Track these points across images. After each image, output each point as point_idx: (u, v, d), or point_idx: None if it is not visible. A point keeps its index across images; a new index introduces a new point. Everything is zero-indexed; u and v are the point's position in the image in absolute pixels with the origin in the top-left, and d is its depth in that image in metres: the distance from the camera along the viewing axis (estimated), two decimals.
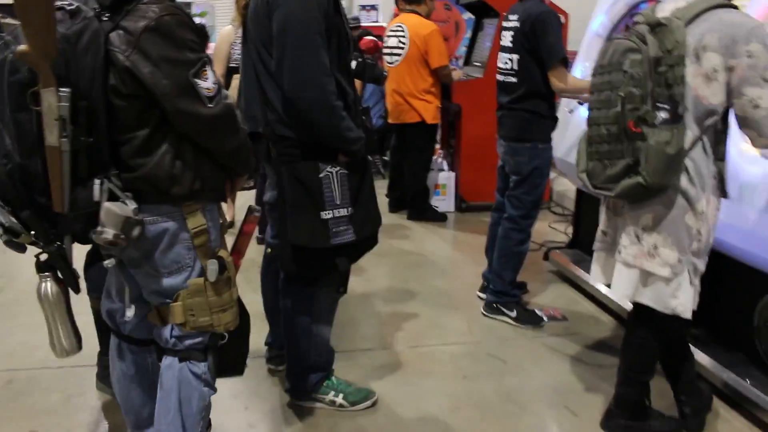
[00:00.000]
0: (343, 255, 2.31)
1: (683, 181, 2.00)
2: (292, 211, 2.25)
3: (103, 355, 2.54)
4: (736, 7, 1.99)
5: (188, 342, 1.84)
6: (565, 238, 4.90)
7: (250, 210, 2.01)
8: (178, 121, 1.68)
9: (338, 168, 2.26)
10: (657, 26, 1.96)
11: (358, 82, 3.10)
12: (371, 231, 2.40)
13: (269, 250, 2.64)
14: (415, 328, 3.36)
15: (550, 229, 5.10)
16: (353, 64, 2.51)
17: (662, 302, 2.10)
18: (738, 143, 2.44)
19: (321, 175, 2.23)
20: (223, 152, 1.78)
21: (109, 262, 1.72)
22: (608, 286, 2.34)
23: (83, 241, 1.81)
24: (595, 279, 2.37)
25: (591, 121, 2.12)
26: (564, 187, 5.63)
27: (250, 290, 2.94)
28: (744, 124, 1.98)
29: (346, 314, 3.30)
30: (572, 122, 3.69)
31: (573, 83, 3.16)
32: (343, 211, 2.27)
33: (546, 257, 4.21)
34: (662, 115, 1.92)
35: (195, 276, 1.80)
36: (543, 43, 3.10)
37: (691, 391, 2.44)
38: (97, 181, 1.63)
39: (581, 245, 4.12)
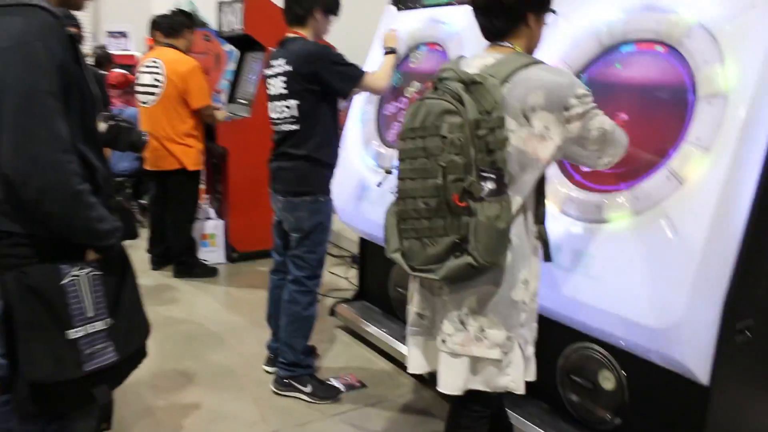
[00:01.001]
0: (103, 382, 1.78)
1: (507, 254, 1.83)
2: (24, 333, 1.67)
3: None
4: (544, 62, 1.90)
5: None
6: (348, 284, 4.71)
7: None
8: None
9: (88, 269, 1.73)
10: (472, 84, 1.77)
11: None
12: (139, 343, 1.90)
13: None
14: (198, 424, 2.86)
15: (331, 275, 4.86)
16: (102, 127, 1.99)
17: (494, 383, 1.92)
18: None
19: (64, 282, 1.69)
20: None
21: None
22: (430, 375, 2.08)
23: None
24: (415, 369, 2.10)
25: (403, 194, 1.85)
26: (340, 225, 5.44)
27: None
28: (600, 155, 1.92)
29: None
30: (353, 168, 3.46)
31: (385, 75, 3.02)
32: (99, 325, 1.75)
33: (332, 312, 3.93)
34: (488, 186, 1.73)
35: None
36: (334, 77, 2.84)
37: None
38: None
39: (368, 296, 3.92)
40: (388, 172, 3.30)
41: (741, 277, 2.03)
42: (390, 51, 3.13)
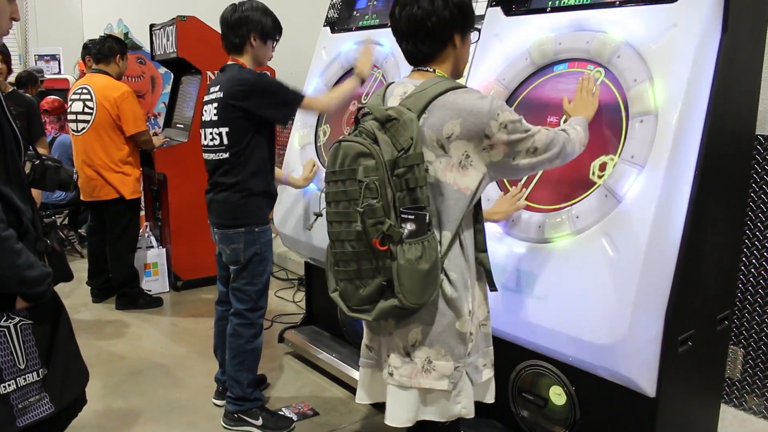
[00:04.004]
0: None
1: (446, 288, 1.80)
2: None
3: None
4: (464, 86, 1.85)
5: None
6: (296, 308, 4.64)
7: None
8: None
9: (17, 319, 1.65)
10: (387, 122, 1.72)
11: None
12: (78, 391, 1.81)
13: None
14: None
15: (278, 299, 4.79)
16: (27, 167, 1.90)
17: (447, 413, 1.90)
18: None
19: None
20: None
21: None
22: (374, 405, 2.06)
23: None
24: (360, 400, 2.07)
25: (332, 237, 1.81)
26: (285, 248, 5.38)
27: None
28: (533, 171, 1.97)
29: None
30: (295, 193, 3.42)
31: (333, 99, 2.95)
32: (32, 377, 1.66)
33: (281, 339, 3.86)
34: (409, 227, 1.69)
35: None
36: (269, 108, 2.78)
37: None
38: None
39: (317, 321, 3.87)
40: (319, 215, 3.26)
41: (680, 290, 2.08)
42: (358, 74, 3.02)
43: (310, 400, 3.28)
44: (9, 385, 1.62)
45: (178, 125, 5.28)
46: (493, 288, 1.97)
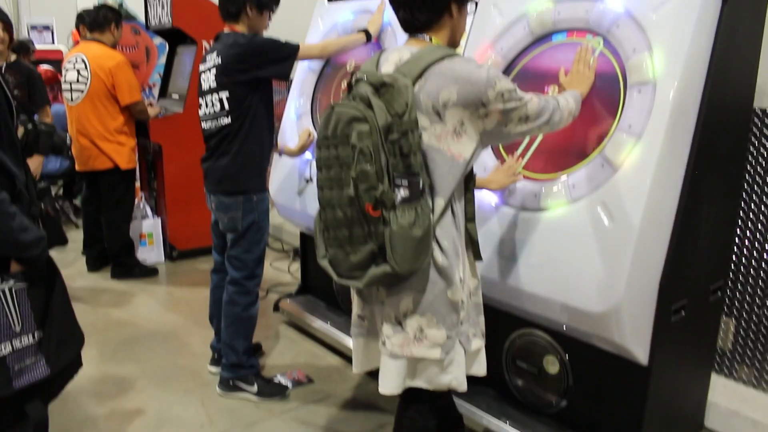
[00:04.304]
0: (36, 398, 1.70)
1: (437, 256, 1.80)
2: None
3: None
4: (459, 55, 1.84)
5: None
6: (291, 278, 4.66)
7: None
8: None
9: (12, 282, 1.65)
10: (382, 87, 1.71)
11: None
12: (73, 354, 1.82)
13: None
14: (143, 431, 2.78)
15: (273, 269, 4.81)
16: (20, 132, 1.89)
17: (436, 382, 1.91)
18: (477, 192, 2.36)
19: None
20: None
21: None
22: (369, 373, 2.07)
23: None
24: (356, 369, 2.08)
25: (323, 202, 1.80)
26: (281, 219, 5.38)
27: None
28: (523, 137, 2.04)
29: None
30: (290, 162, 3.41)
31: (330, 46, 3.02)
32: (28, 339, 1.67)
33: (276, 308, 3.88)
34: (402, 193, 1.68)
35: None
36: (268, 67, 2.79)
37: None
38: None
39: (312, 290, 3.89)
40: (309, 180, 3.27)
41: (675, 259, 2.09)
42: (362, 31, 3.08)
43: (306, 368, 3.30)
44: (5, 348, 1.63)
45: (173, 95, 5.24)
46: (479, 257, 1.97)
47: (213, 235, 3.14)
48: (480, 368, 2.03)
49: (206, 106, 2.89)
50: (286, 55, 2.85)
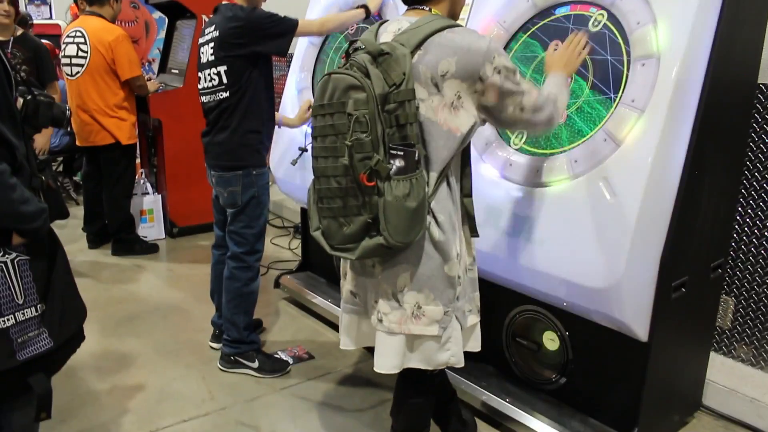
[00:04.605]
0: (39, 370, 1.71)
1: (434, 230, 1.79)
2: None
3: None
4: (460, 25, 1.81)
5: None
6: (291, 255, 4.67)
7: None
8: None
9: (14, 255, 1.64)
10: (380, 56, 1.69)
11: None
12: (76, 327, 1.82)
13: None
14: (144, 406, 2.80)
15: (273, 246, 4.81)
16: (19, 103, 1.87)
17: (434, 360, 1.90)
18: (478, 167, 2.37)
19: None
20: None
21: None
22: (368, 349, 2.07)
23: None
24: (345, 346, 2.07)
25: (317, 172, 1.79)
26: (281, 196, 5.37)
27: None
28: (515, 127, 1.99)
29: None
30: (291, 137, 3.40)
31: (330, 21, 2.94)
32: (30, 312, 1.67)
33: (277, 284, 3.89)
34: (397, 163, 1.67)
35: None
36: (266, 43, 2.74)
37: (458, 427, 2.38)
38: None
39: (313, 266, 3.89)
40: (303, 150, 3.26)
41: (676, 236, 2.09)
42: (361, 6, 3.05)
43: (306, 344, 3.32)
44: (8, 320, 1.62)
45: (173, 70, 5.20)
46: (475, 233, 1.95)
47: (214, 210, 3.14)
48: (475, 344, 2.03)
49: (205, 80, 2.87)
50: (284, 30, 2.80)
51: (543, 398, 2.53)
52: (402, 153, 1.67)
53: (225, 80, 2.77)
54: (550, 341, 2.48)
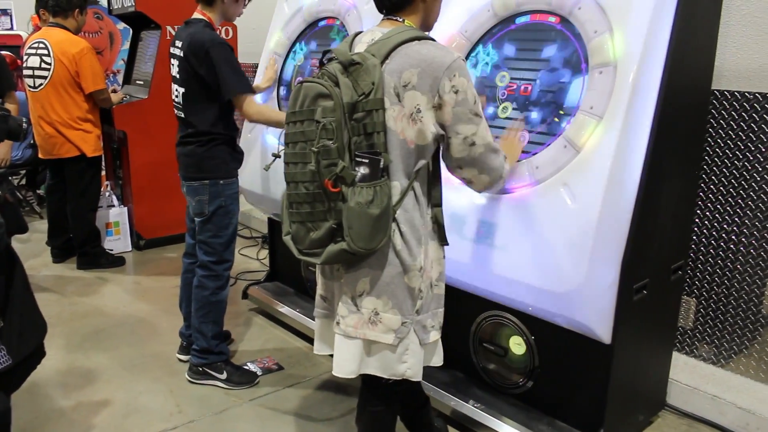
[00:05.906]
0: None
1: (396, 240, 1.80)
2: None
3: None
4: (432, 39, 1.83)
5: None
6: (260, 265, 4.64)
7: None
8: None
9: None
10: (351, 65, 1.72)
11: None
12: (36, 343, 1.79)
13: None
14: (111, 421, 2.76)
15: (241, 257, 4.78)
16: None
17: (390, 369, 1.90)
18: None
19: None
20: None
21: None
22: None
23: None
24: (318, 351, 2.08)
25: (288, 178, 1.82)
26: (249, 206, 5.34)
27: None
28: (461, 164, 1.82)
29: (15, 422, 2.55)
30: (258, 148, 3.39)
31: (263, 114, 2.85)
32: None
33: (245, 295, 3.87)
34: (362, 170, 1.70)
35: None
36: (217, 76, 2.72)
37: None
38: None
39: (281, 276, 3.88)
40: (277, 156, 3.25)
41: (636, 239, 2.13)
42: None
43: (275, 354, 3.30)
44: None
45: (137, 82, 5.16)
46: (444, 242, 1.96)
47: (187, 218, 3.13)
48: (438, 359, 2.03)
49: (173, 93, 2.87)
50: (234, 86, 2.74)
51: (511, 402, 2.56)
52: (367, 160, 1.70)
53: (182, 101, 2.83)
54: (517, 346, 2.51)
